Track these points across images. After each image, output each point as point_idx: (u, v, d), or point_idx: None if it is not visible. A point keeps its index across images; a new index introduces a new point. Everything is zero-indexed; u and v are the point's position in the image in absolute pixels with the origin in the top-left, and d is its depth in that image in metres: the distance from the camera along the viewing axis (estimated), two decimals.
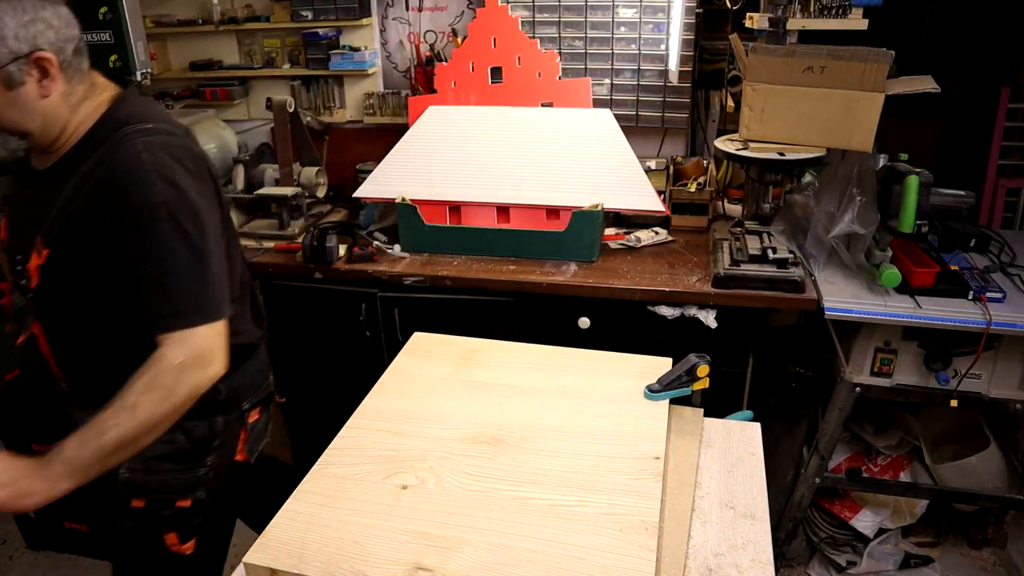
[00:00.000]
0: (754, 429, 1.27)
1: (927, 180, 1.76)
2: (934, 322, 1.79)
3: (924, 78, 1.87)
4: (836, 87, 1.87)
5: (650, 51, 2.43)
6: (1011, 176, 2.47)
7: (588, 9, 2.42)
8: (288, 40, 2.74)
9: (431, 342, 1.43)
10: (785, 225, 2.10)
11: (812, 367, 2.43)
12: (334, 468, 1.07)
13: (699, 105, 2.53)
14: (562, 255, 2.16)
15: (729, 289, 1.95)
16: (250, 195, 2.40)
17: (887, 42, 1.83)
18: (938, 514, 2.36)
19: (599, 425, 1.14)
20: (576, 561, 0.88)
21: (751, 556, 0.98)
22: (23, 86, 1.19)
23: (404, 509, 0.98)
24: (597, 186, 2.15)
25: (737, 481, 1.13)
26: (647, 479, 1.02)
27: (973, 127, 2.55)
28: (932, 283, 1.85)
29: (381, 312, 2.23)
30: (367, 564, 0.89)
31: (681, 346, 1.57)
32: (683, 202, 2.36)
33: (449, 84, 2.46)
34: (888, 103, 1.84)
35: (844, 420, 2.02)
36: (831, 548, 2.30)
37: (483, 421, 1.16)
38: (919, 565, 2.28)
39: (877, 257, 1.86)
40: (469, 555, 0.90)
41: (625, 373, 1.28)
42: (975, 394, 1.92)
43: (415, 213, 2.22)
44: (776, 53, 1.92)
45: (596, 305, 2.08)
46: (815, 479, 2.11)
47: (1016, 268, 1.97)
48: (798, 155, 1.97)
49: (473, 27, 2.42)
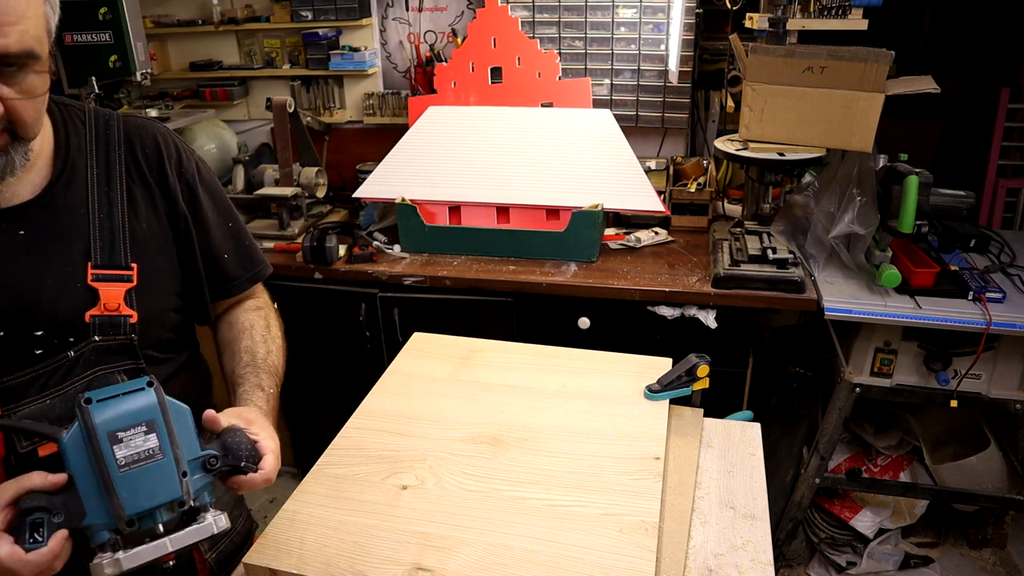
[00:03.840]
0: (754, 429, 1.27)
1: (927, 180, 1.76)
2: (934, 322, 1.79)
3: (924, 78, 1.87)
4: (836, 87, 1.87)
5: (650, 51, 2.43)
6: (1011, 176, 2.47)
7: (588, 9, 2.42)
8: (288, 40, 2.74)
9: (431, 342, 1.43)
10: (785, 225, 2.10)
11: (812, 367, 2.43)
12: (334, 468, 1.07)
13: (699, 105, 2.53)
14: (562, 255, 2.16)
15: (729, 289, 1.95)
16: (250, 195, 2.40)
17: (887, 42, 1.83)
18: (938, 514, 2.36)
19: (599, 425, 1.14)
20: (576, 561, 0.88)
21: (751, 556, 0.98)
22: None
23: (404, 509, 0.98)
24: (597, 186, 2.15)
25: (737, 481, 1.13)
26: (647, 479, 1.02)
27: (973, 127, 2.55)
28: (932, 283, 1.85)
29: (381, 312, 2.23)
30: (367, 564, 0.89)
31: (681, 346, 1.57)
32: (683, 202, 2.36)
33: (449, 84, 2.46)
34: (888, 103, 1.84)
35: (844, 420, 2.02)
36: (831, 548, 2.30)
37: (483, 421, 1.16)
38: (919, 565, 2.28)
39: (877, 257, 1.86)
40: (469, 555, 0.90)
41: (625, 373, 1.28)
42: (975, 394, 1.92)
43: (415, 213, 2.22)
44: (776, 53, 1.92)
45: (596, 305, 2.08)
46: (815, 479, 2.11)
47: (1016, 268, 1.97)
48: (798, 155, 1.97)
49: (473, 27, 2.42)
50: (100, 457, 0.74)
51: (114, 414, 0.75)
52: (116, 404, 0.76)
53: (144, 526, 0.76)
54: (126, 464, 0.74)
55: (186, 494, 0.78)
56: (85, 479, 0.75)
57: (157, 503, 0.76)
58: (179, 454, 0.78)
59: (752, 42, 2.04)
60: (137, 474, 0.75)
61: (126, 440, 0.75)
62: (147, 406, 0.77)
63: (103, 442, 0.74)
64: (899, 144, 1.95)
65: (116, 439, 0.74)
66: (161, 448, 0.76)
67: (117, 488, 0.74)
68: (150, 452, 0.76)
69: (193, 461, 0.80)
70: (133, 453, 0.75)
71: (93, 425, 0.74)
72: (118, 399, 0.76)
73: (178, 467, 0.77)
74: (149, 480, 0.76)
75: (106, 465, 0.74)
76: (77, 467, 0.75)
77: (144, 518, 0.76)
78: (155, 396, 0.78)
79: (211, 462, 0.81)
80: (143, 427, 0.76)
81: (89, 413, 0.74)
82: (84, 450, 0.75)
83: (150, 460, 0.76)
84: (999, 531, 2.34)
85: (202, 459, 0.81)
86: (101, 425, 0.74)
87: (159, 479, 0.76)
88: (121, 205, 0.97)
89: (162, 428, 0.77)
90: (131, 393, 0.77)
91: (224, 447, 0.83)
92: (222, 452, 0.83)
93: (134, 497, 0.75)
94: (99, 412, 0.75)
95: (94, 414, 0.74)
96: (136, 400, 0.77)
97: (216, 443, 0.84)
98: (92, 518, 0.75)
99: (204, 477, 0.81)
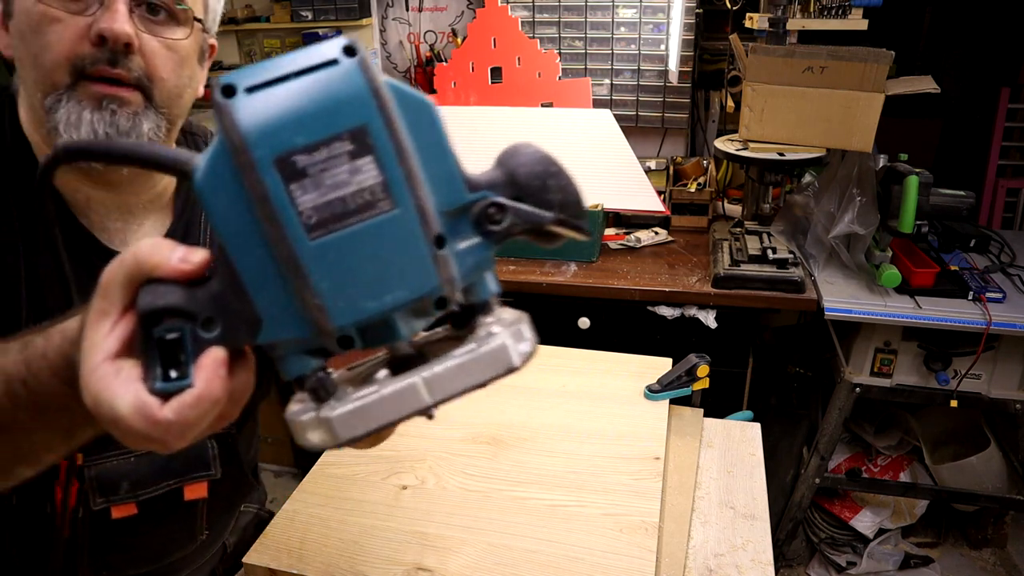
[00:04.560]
0: (754, 429, 1.27)
1: (927, 180, 1.76)
2: (934, 322, 1.79)
3: (924, 78, 1.87)
4: (836, 87, 1.87)
5: (650, 51, 2.43)
6: (1011, 176, 2.47)
7: (588, 9, 2.42)
8: (288, 40, 2.74)
9: None
10: (785, 225, 2.10)
11: (812, 367, 2.43)
12: (334, 468, 1.07)
13: (699, 105, 2.53)
14: (562, 255, 2.16)
15: (729, 289, 1.95)
16: None
17: (887, 42, 1.83)
18: (938, 514, 2.36)
19: (599, 425, 1.14)
20: (576, 561, 0.88)
21: (751, 556, 0.98)
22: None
23: (404, 509, 0.98)
24: (597, 186, 2.15)
25: (737, 481, 1.13)
26: (647, 479, 1.02)
27: (973, 127, 2.55)
28: (932, 283, 1.85)
29: None
30: (367, 564, 0.89)
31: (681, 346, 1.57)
32: (683, 202, 2.36)
33: (449, 84, 2.46)
34: (888, 103, 1.84)
35: (844, 420, 2.02)
36: (831, 548, 2.30)
37: (483, 421, 1.16)
38: (919, 565, 2.28)
39: (877, 257, 1.86)
40: (469, 555, 0.90)
41: (625, 373, 1.28)
42: (975, 394, 1.92)
43: None
44: (776, 53, 1.92)
45: (596, 305, 2.08)
46: (815, 479, 2.11)
47: (1016, 268, 1.97)
48: (798, 155, 1.97)
49: (473, 27, 2.42)
50: (267, 208, 0.37)
51: (283, 113, 0.36)
52: (286, 93, 0.37)
53: (373, 343, 0.41)
54: (320, 223, 0.37)
55: (446, 281, 0.40)
56: (247, 254, 0.38)
57: (390, 301, 0.39)
58: (424, 198, 0.39)
59: (752, 42, 2.04)
60: (345, 241, 0.38)
61: (314, 169, 0.37)
62: (350, 94, 0.37)
63: (267, 176, 0.36)
64: (899, 144, 1.95)
65: (294, 168, 0.37)
66: (387, 185, 0.38)
67: (309, 273, 0.37)
68: (367, 195, 0.38)
69: (454, 213, 0.41)
70: (332, 198, 0.37)
71: (243, 139, 0.36)
72: (287, 82, 0.37)
73: (426, 226, 0.39)
74: (370, 253, 0.38)
75: (281, 225, 0.37)
76: (228, 229, 0.38)
77: (372, 330, 0.40)
78: (362, 74, 0.37)
79: (490, 213, 0.41)
80: (346, 141, 0.37)
81: (233, 113, 0.36)
82: (236, 194, 0.37)
83: (369, 213, 0.38)
84: (999, 531, 2.34)
85: (473, 208, 0.42)
86: (259, 138, 0.36)
87: (391, 251, 0.38)
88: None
89: (385, 142, 0.38)
90: (311, 71, 0.37)
91: (513, 182, 0.42)
92: (510, 192, 0.42)
93: (342, 289, 0.38)
94: (252, 109, 0.36)
95: (242, 113, 0.36)
96: (326, 82, 0.37)
97: (497, 173, 0.43)
98: (271, 331, 0.40)
99: (479, 246, 0.42)
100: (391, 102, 0.38)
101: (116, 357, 0.40)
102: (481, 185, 0.42)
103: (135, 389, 0.39)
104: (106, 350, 0.40)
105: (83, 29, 0.70)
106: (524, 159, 0.43)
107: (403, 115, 0.39)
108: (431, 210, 0.39)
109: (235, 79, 0.37)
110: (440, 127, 0.40)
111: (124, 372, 0.40)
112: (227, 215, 0.38)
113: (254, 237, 0.38)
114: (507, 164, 0.43)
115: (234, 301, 0.39)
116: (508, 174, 0.42)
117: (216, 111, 0.37)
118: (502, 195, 0.42)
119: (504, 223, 0.41)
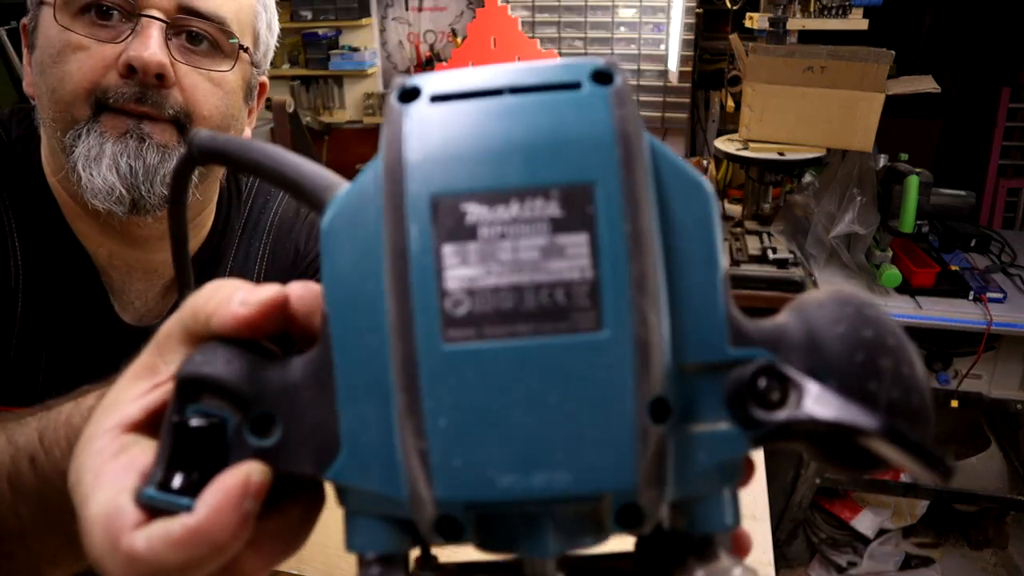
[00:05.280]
0: None
1: (927, 180, 1.76)
2: (934, 322, 1.79)
3: (924, 78, 1.87)
4: (836, 87, 1.87)
5: (650, 51, 2.43)
6: (1011, 176, 2.47)
7: (588, 9, 2.42)
8: (288, 40, 2.74)
9: None
10: (785, 225, 2.10)
11: None
12: None
13: (699, 105, 2.53)
14: None
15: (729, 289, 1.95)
16: None
17: (887, 42, 1.83)
18: (939, 515, 2.35)
19: None
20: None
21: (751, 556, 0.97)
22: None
23: None
24: None
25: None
26: None
27: (973, 127, 2.55)
28: (932, 283, 1.84)
29: None
30: None
31: None
32: None
33: None
34: (888, 103, 1.84)
35: None
36: (831, 549, 2.30)
37: None
38: (920, 566, 2.28)
39: (877, 257, 1.86)
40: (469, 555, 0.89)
41: None
42: (975, 394, 1.92)
43: None
44: (776, 53, 1.92)
45: None
46: (815, 479, 2.10)
47: (1016, 268, 1.97)
48: (798, 155, 1.97)
49: (473, 27, 2.42)
50: (398, 268, 0.23)
51: (469, 137, 0.24)
52: (485, 111, 0.25)
53: (491, 544, 0.29)
54: (468, 318, 0.23)
55: (648, 481, 0.23)
56: (353, 338, 0.25)
57: (541, 486, 0.23)
58: (655, 329, 0.23)
59: (752, 42, 2.04)
60: (498, 360, 0.23)
61: (490, 231, 0.23)
62: (582, 133, 0.24)
63: (414, 219, 0.23)
64: (899, 144, 1.95)
65: (459, 221, 0.23)
66: (598, 287, 0.23)
67: (423, 395, 0.23)
68: (560, 296, 0.23)
69: (698, 370, 0.25)
70: (502, 284, 0.23)
71: (400, 159, 0.24)
72: (495, 97, 0.25)
73: (643, 376, 0.23)
74: (534, 392, 0.23)
75: (407, 301, 0.23)
76: (339, 294, 0.25)
77: (497, 524, 0.27)
78: (610, 111, 0.24)
79: (762, 387, 0.24)
80: (553, 201, 0.23)
81: (401, 124, 0.25)
82: (369, 243, 0.25)
83: (554, 325, 0.23)
84: (1000, 531, 2.34)
85: (734, 371, 0.25)
86: (421, 162, 0.24)
87: (570, 400, 0.22)
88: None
89: (615, 218, 0.23)
90: (535, 90, 0.25)
91: (814, 346, 0.25)
92: (804, 362, 0.25)
93: (467, 438, 0.23)
94: (428, 123, 0.25)
95: (412, 126, 0.25)
96: (551, 109, 0.24)
97: (788, 327, 0.27)
98: (347, 469, 0.26)
99: (727, 438, 0.25)
100: (645, 163, 0.24)
101: (134, 429, 0.28)
102: (753, 339, 0.26)
103: (124, 483, 0.26)
104: (126, 414, 0.28)
105: (111, 58, 0.61)
106: (839, 314, 0.26)
107: (659, 191, 0.25)
108: (661, 353, 0.23)
109: (423, 81, 0.25)
110: (713, 229, 0.26)
111: (130, 453, 0.27)
112: (346, 272, 0.25)
113: (372, 315, 0.24)
114: (807, 316, 0.26)
115: (312, 403, 0.26)
116: (807, 332, 0.26)
117: (384, 119, 0.25)
118: (788, 362, 0.25)
119: (782, 411, 0.23)
